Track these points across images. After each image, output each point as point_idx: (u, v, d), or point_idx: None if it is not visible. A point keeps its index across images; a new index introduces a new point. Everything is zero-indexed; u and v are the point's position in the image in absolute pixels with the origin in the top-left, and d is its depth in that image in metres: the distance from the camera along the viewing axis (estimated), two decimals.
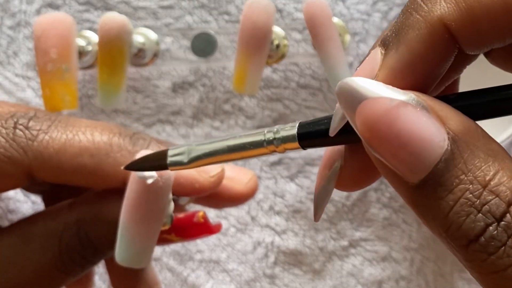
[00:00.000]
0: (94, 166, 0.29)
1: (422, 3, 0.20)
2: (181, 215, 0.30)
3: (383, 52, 0.21)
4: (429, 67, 0.21)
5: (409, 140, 0.19)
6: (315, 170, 0.44)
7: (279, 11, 0.43)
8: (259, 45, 0.39)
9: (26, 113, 0.30)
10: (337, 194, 0.44)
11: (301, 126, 0.23)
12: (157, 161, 0.27)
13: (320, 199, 0.25)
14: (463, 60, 0.22)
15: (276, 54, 0.42)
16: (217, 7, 0.44)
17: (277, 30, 0.42)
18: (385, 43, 0.21)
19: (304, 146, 0.23)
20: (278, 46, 0.41)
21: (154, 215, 0.28)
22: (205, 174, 0.30)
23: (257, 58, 0.40)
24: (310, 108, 0.44)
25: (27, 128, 0.29)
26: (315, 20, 0.40)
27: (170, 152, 0.26)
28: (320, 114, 0.44)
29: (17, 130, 0.29)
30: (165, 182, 0.27)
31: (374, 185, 0.44)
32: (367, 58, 0.22)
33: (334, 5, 0.43)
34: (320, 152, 0.44)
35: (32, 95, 0.43)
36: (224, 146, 0.25)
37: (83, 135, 0.29)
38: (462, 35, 0.20)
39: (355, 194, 0.44)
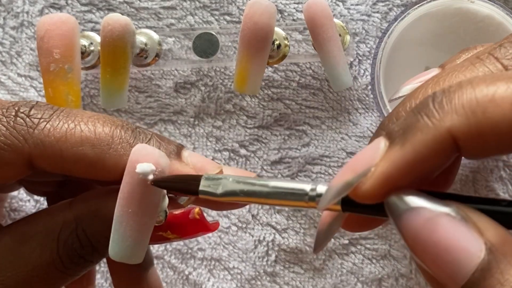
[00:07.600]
0: (94, 156, 0.28)
1: (434, 110, 0.21)
2: (176, 212, 0.29)
3: (387, 144, 0.22)
4: (428, 169, 0.22)
5: (447, 249, 0.20)
6: (316, 169, 0.44)
7: (280, 11, 0.44)
8: (260, 46, 0.39)
9: (28, 102, 0.29)
10: None
11: None
12: (188, 185, 0.27)
13: (323, 235, 0.25)
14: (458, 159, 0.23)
15: (277, 54, 0.42)
16: (219, 8, 0.44)
17: (278, 30, 0.42)
18: (391, 136, 0.22)
19: (344, 210, 0.24)
20: (279, 46, 0.42)
21: (147, 209, 0.27)
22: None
23: (259, 59, 0.39)
24: (310, 108, 0.44)
25: (28, 116, 0.29)
26: (316, 21, 0.40)
27: (203, 180, 0.27)
28: (320, 114, 0.44)
29: (18, 118, 0.28)
30: (158, 177, 0.27)
31: None
32: (369, 145, 0.23)
33: (335, 6, 0.44)
34: (321, 152, 0.44)
35: (35, 95, 0.44)
36: (264, 190, 0.25)
37: (85, 126, 0.29)
38: (467, 146, 0.21)
39: None
